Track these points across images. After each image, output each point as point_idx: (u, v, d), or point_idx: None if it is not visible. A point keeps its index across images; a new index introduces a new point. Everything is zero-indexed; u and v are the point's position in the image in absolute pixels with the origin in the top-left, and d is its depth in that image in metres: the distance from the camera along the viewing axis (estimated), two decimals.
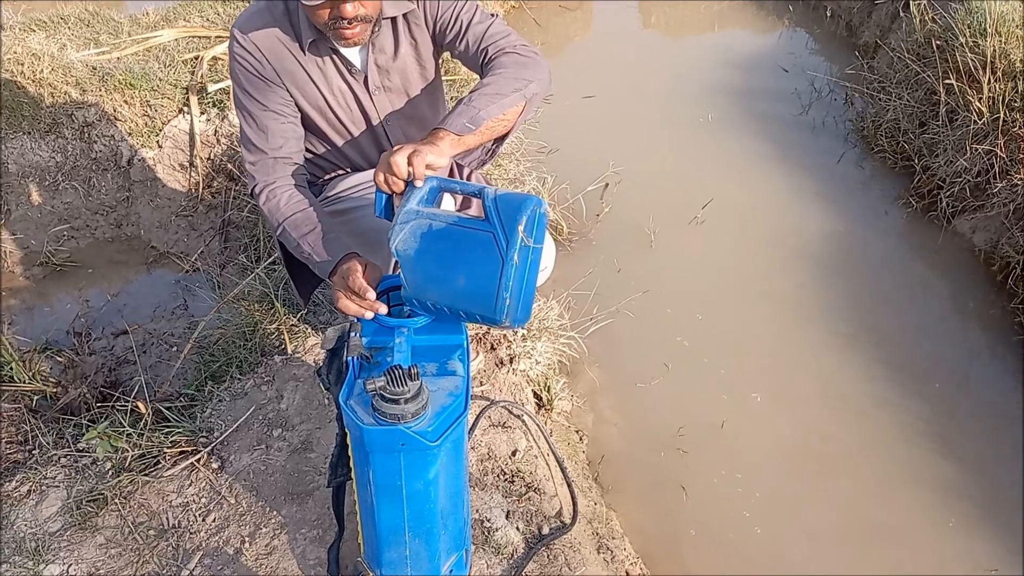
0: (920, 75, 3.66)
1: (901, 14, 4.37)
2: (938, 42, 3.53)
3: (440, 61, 1.99)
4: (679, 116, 4.28)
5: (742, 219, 3.50)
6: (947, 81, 3.39)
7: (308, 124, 1.91)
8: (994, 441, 2.51)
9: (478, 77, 1.80)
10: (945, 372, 2.77)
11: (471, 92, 1.64)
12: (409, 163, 1.44)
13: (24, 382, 2.44)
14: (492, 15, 1.85)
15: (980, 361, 2.82)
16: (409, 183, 1.46)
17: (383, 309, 1.49)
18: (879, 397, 2.68)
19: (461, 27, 1.81)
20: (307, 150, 1.98)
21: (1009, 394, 2.66)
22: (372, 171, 1.96)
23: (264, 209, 1.82)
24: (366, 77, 1.85)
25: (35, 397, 2.42)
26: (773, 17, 5.42)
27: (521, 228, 1.30)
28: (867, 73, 4.20)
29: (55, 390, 2.46)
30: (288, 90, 1.82)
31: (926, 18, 3.77)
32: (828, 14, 5.24)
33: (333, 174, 2.05)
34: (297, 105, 1.86)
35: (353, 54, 1.83)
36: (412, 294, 1.41)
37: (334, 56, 1.82)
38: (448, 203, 1.47)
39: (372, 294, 1.49)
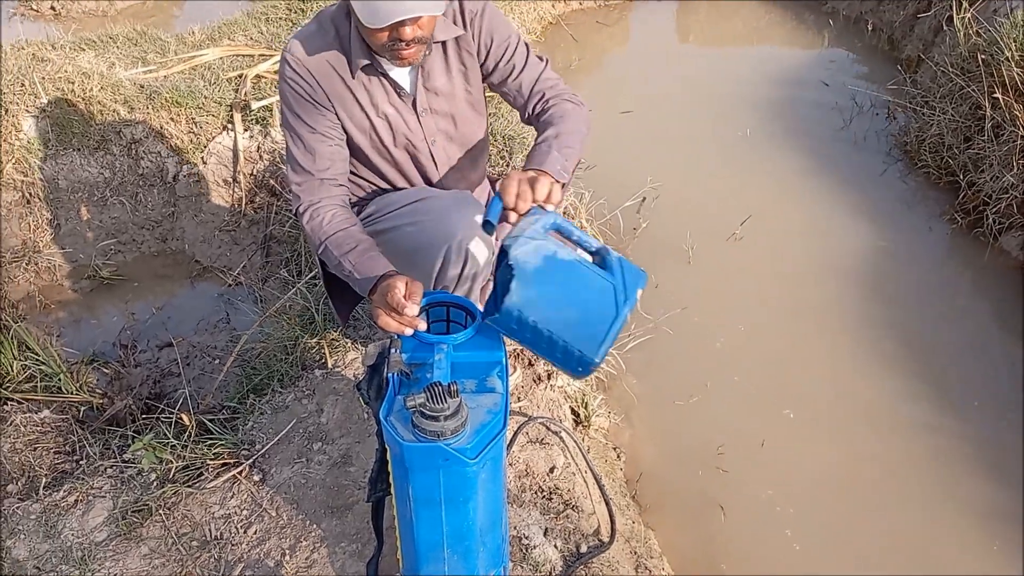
0: (964, 89, 3.60)
1: (944, 28, 4.30)
2: (983, 56, 3.47)
3: (485, 85, 2.02)
4: (717, 131, 4.26)
5: (781, 235, 3.47)
6: (993, 96, 3.33)
7: (353, 146, 1.93)
8: None
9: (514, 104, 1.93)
10: (989, 392, 2.70)
11: (554, 140, 1.76)
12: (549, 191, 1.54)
13: (72, 393, 2.49)
14: (540, 58, 1.97)
15: None
16: (534, 208, 1.53)
17: (422, 325, 1.51)
18: (921, 416, 2.63)
19: (514, 69, 1.91)
20: (351, 170, 2.00)
21: None
22: (412, 190, 1.99)
23: (307, 228, 1.85)
24: (414, 100, 1.88)
25: (82, 408, 2.47)
26: (813, 32, 5.37)
27: (640, 293, 1.42)
28: (910, 87, 4.14)
29: (101, 401, 2.51)
30: (337, 114, 1.85)
31: (970, 32, 3.71)
32: (869, 28, 5.18)
33: (375, 194, 2.07)
34: (344, 128, 1.89)
35: (402, 76, 1.86)
36: (515, 305, 1.39)
37: (383, 79, 1.84)
38: None
39: (410, 310, 1.50)
